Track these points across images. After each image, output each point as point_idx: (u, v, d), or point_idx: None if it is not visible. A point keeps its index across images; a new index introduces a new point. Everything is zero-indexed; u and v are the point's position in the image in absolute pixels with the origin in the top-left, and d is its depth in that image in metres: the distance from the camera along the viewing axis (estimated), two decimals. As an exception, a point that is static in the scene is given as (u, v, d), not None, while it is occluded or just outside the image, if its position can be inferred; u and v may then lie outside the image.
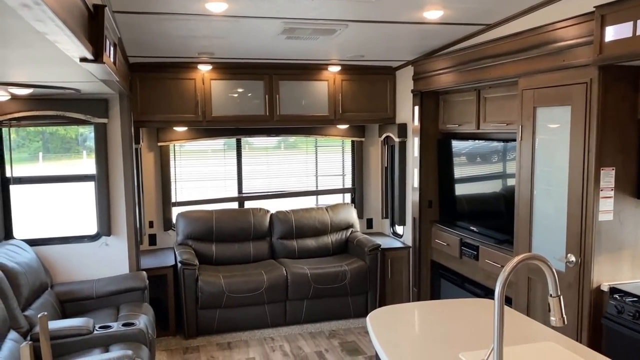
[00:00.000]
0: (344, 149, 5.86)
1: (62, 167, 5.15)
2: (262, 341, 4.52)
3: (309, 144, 5.82)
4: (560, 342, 2.13)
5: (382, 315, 2.50)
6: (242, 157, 5.53)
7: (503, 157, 3.98)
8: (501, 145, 3.96)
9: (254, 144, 5.69)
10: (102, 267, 4.07)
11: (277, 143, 5.85)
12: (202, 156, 5.54)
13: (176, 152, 5.28)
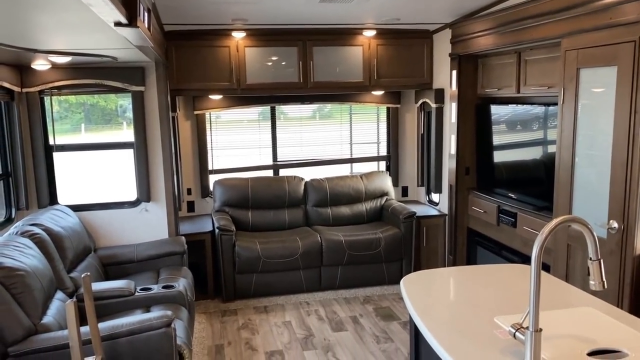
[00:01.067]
0: (379, 117, 5.79)
1: (103, 137, 5.28)
2: (297, 305, 4.60)
3: (343, 113, 5.77)
4: (600, 308, 2.08)
5: (416, 279, 2.50)
6: (276, 128, 5.54)
7: (544, 123, 3.86)
8: (542, 109, 3.83)
9: (288, 114, 5.68)
10: (142, 232, 4.19)
11: (311, 113, 5.82)
12: (238, 126, 5.58)
13: (212, 122, 5.33)
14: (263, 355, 3.74)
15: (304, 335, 4.04)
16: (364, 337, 3.99)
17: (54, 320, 2.77)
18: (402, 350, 3.76)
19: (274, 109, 5.50)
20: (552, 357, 1.70)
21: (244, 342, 3.95)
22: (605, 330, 1.88)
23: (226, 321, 4.32)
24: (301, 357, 3.70)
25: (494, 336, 1.88)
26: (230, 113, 5.41)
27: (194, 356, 3.73)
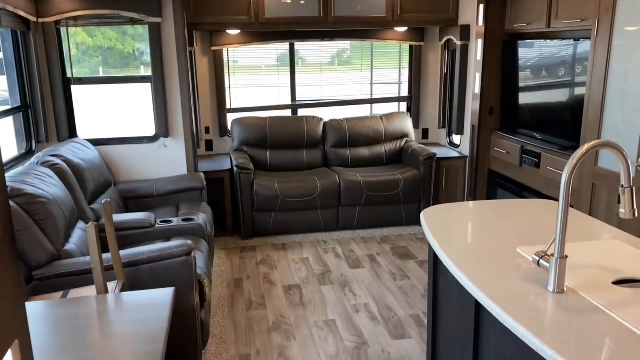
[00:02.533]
0: (401, 56, 5.62)
1: (123, 94, 5.25)
2: (315, 244, 4.63)
3: (364, 57, 5.60)
4: (626, 241, 2.03)
5: (437, 211, 2.46)
6: (295, 73, 5.42)
7: (572, 64, 3.69)
8: (571, 51, 3.66)
9: (307, 59, 5.54)
10: (162, 167, 4.20)
11: (330, 59, 5.68)
12: (256, 72, 5.48)
13: (230, 67, 5.23)
14: (281, 289, 3.80)
15: (321, 271, 4.08)
16: (381, 274, 4.02)
17: (77, 247, 2.82)
18: (419, 287, 3.79)
19: (293, 53, 5.36)
20: (576, 285, 1.67)
21: (263, 277, 4.01)
22: (631, 262, 1.84)
23: (245, 257, 4.38)
24: (318, 292, 3.75)
25: (516, 265, 1.85)
26: (248, 57, 5.30)
27: (214, 288, 3.80)
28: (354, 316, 3.41)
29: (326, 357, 2.98)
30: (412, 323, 3.32)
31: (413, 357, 2.96)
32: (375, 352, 3.02)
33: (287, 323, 3.35)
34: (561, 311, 1.53)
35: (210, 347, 3.06)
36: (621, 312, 1.50)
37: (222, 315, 3.44)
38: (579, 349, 1.34)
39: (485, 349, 1.94)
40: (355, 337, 3.18)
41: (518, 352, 1.69)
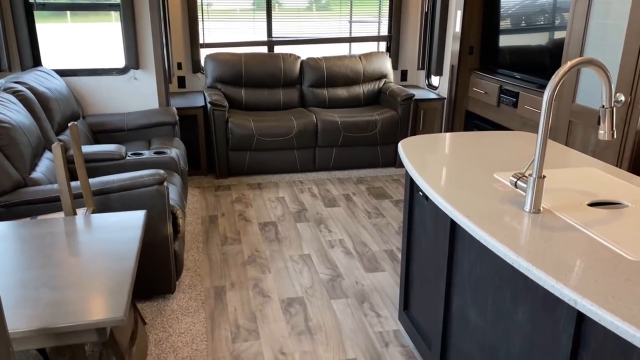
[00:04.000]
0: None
1: (89, 27, 4.98)
2: (291, 184, 4.60)
3: (343, 3, 5.40)
4: (602, 169, 2.04)
5: (415, 141, 2.44)
6: (272, 17, 5.21)
7: (553, 10, 3.62)
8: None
9: (283, 4, 5.32)
10: (132, 101, 4.06)
11: (308, 4, 5.46)
12: (230, 15, 5.24)
13: (204, 12, 4.99)
14: (256, 226, 3.78)
15: (297, 210, 4.06)
16: (356, 212, 4.03)
17: (44, 176, 2.72)
18: (393, 225, 3.81)
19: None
20: (552, 206, 1.67)
21: (238, 214, 3.98)
22: (606, 186, 1.85)
23: (220, 195, 4.33)
24: (294, 228, 3.75)
25: (493, 189, 1.84)
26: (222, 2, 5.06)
27: (188, 224, 3.76)
28: (329, 251, 3.43)
29: (301, 288, 3.00)
30: (386, 257, 3.35)
31: (386, 288, 3.00)
32: (349, 284, 3.04)
33: (262, 257, 3.34)
34: (537, 229, 1.53)
35: (184, 279, 3.05)
36: (595, 229, 1.51)
37: (196, 249, 3.42)
38: (554, 262, 1.34)
39: (458, 275, 1.95)
40: (330, 270, 3.20)
41: (491, 275, 1.70)
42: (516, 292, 1.59)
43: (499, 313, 1.70)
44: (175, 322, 2.65)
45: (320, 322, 2.69)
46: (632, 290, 1.20)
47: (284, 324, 2.67)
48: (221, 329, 2.62)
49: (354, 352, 2.47)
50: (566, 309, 1.35)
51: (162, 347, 2.46)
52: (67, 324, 1.30)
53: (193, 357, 2.40)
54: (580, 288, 1.22)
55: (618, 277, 1.26)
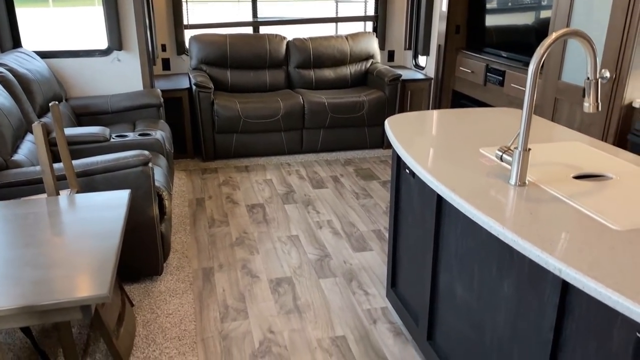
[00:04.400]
0: (368, -27, 5.41)
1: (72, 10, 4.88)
2: (278, 166, 4.58)
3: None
4: (587, 143, 2.05)
5: (401, 118, 2.43)
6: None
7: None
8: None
9: None
10: (116, 83, 3.99)
11: None
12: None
13: None
14: (244, 208, 3.77)
15: (284, 191, 4.05)
16: (344, 193, 4.03)
17: (26, 158, 2.68)
18: (381, 205, 3.82)
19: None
20: (538, 179, 1.68)
21: (225, 197, 3.96)
22: (592, 160, 1.86)
23: (207, 178, 4.31)
24: (282, 210, 3.74)
25: (479, 163, 1.84)
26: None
27: (175, 207, 3.74)
28: (317, 232, 3.43)
29: (289, 268, 3.00)
30: (374, 237, 3.36)
31: (374, 267, 3.01)
32: (338, 263, 3.05)
33: (251, 238, 3.34)
34: (522, 201, 1.54)
35: (172, 261, 3.04)
36: (580, 201, 1.52)
37: (183, 232, 3.40)
38: (539, 233, 1.35)
39: (444, 250, 1.96)
40: (318, 250, 3.20)
41: (477, 250, 1.71)
42: (502, 266, 1.60)
43: (485, 287, 1.71)
44: (163, 304, 2.64)
45: (309, 301, 2.70)
46: (616, 259, 1.21)
47: (272, 304, 2.67)
48: (210, 310, 2.62)
49: (342, 330, 2.48)
50: (551, 280, 1.36)
51: (150, 328, 2.45)
52: (51, 302, 1.29)
53: (181, 337, 2.40)
54: (565, 257, 1.22)
55: (602, 246, 1.27)
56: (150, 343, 2.36)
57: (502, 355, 1.64)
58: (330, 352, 2.33)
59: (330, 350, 2.34)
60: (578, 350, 1.31)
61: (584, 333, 1.28)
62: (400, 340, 2.41)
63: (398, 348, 2.35)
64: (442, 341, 2.07)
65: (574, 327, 1.32)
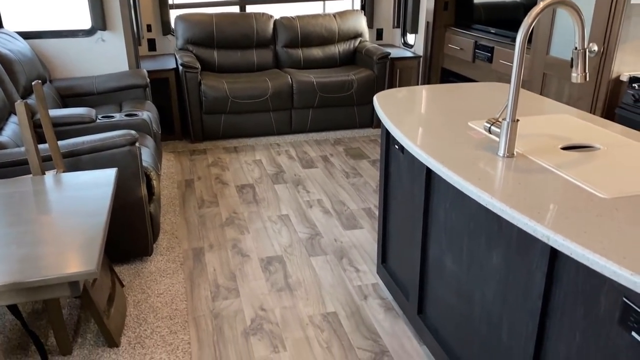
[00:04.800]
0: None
1: None
2: (268, 146, 4.56)
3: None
4: (576, 116, 2.05)
5: (390, 93, 2.41)
6: None
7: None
8: None
9: None
10: (101, 63, 3.93)
11: None
12: None
13: None
14: (234, 188, 3.75)
15: (274, 172, 4.04)
16: (334, 173, 4.02)
17: (10, 140, 2.64)
18: (371, 184, 3.82)
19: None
20: (526, 151, 1.68)
21: (214, 177, 3.94)
22: (580, 131, 1.86)
23: (195, 159, 4.28)
24: (272, 190, 3.73)
25: (467, 136, 1.84)
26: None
27: (164, 189, 3.71)
28: (307, 211, 3.43)
29: (280, 247, 3.00)
30: (364, 215, 3.37)
31: (364, 244, 3.02)
32: (328, 241, 3.06)
33: (241, 218, 3.33)
34: (510, 172, 1.54)
35: (161, 242, 3.02)
36: (568, 170, 1.52)
37: (173, 213, 3.38)
38: (527, 202, 1.35)
39: (434, 224, 1.97)
40: (308, 229, 3.20)
41: (466, 222, 1.71)
42: (490, 237, 1.61)
43: (474, 259, 1.72)
44: (154, 284, 2.64)
45: (300, 279, 2.70)
46: (603, 225, 1.22)
47: (263, 282, 2.68)
48: (200, 289, 2.62)
49: (333, 306, 2.49)
50: (539, 249, 1.37)
51: (141, 308, 2.45)
52: (39, 278, 1.27)
53: (173, 316, 2.40)
54: (553, 224, 1.23)
55: (589, 214, 1.28)
56: (141, 322, 2.35)
57: (491, 325, 1.66)
58: (321, 328, 2.34)
59: (321, 326, 2.35)
60: (566, 316, 1.32)
61: (572, 300, 1.29)
62: (391, 315, 2.43)
63: (389, 322, 2.37)
64: (432, 314, 2.09)
65: (562, 295, 1.33)
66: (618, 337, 1.16)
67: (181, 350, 2.19)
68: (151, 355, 2.16)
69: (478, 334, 1.75)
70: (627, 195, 1.36)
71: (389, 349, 2.21)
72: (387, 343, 2.25)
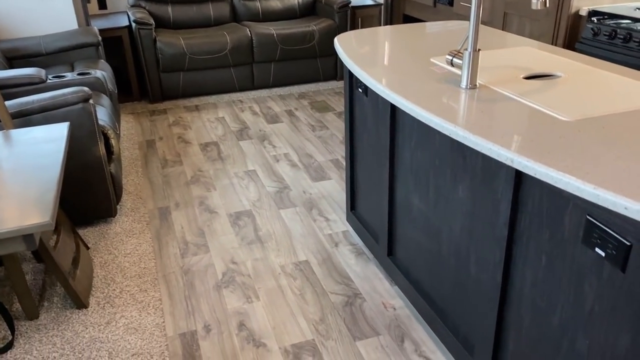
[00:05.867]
0: None
1: None
2: (230, 103, 4.45)
3: None
4: (537, 47, 2.04)
5: (351, 35, 2.35)
6: None
7: None
8: None
9: None
10: (48, 22, 3.72)
11: None
12: None
13: None
14: (197, 147, 3.66)
15: (238, 128, 3.96)
16: (300, 126, 3.97)
17: (-47, 103, 2.48)
18: (337, 135, 3.78)
19: None
20: (488, 82, 1.66)
21: (177, 137, 3.83)
22: (541, 62, 1.85)
23: (156, 120, 4.15)
24: (237, 146, 3.66)
25: (430, 71, 1.81)
26: None
27: (125, 150, 3.60)
28: (274, 165, 3.38)
29: (248, 202, 2.97)
30: (332, 166, 3.34)
31: (333, 194, 3.01)
32: (297, 194, 3.03)
33: (206, 176, 3.26)
34: (474, 102, 1.52)
35: (125, 203, 2.95)
36: (531, 98, 1.51)
37: (135, 174, 3.29)
38: (491, 128, 1.34)
39: (400, 164, 1.95)
40: (276, 182, 3.17)
41: (432, 159, 1.70)
42: (456, 171, 1.60)
43: (440, 195, 1.72)
44: (120, 244, 2.58)
45: (270, 231, 2.68)
46: (566, 146, 1.22)
47: (233, 236, 2.65)
48: (169, 247, 2.57)
49: (305, 255, 2.49)
50: (504, 176, 1.37)
51: (108, 269, 2.40)
52: (-11, 235, 1.21)
53: (142, 275, 2.36)
54: (517, 147, 1.22)
55: (552, 136, 1.27)
56: (109, 283, 2.31)
57: (459, 259, 1.68)
58: (294, 276, 2.34)
59: (294, 275, 2.35)
60: (532, 241, 1.33)
61: (537, 224, 1.30)
62: (362, 259, 2.44)
63: (360, 267, 2.39)
64: (402, 255, 2.10)
65: (527, 220, 1.34)
66: (582, 255, 1.18)
67: (152, 307, 2.16)
68: (122, 314, 2.12)
69: (447, 269, 1.77)
70: (589, 117, 1.36)
71: (361, 292, 2.23)
72: (359, 286, 2.26)
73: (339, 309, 2.14)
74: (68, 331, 2.03)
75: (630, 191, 0.99)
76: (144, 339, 1.99)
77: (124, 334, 2.02)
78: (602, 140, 1.22)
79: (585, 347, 1.22)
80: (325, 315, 2.11)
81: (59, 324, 2.07)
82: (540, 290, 1.33)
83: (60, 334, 2.02)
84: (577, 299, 1.21)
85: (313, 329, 2.04)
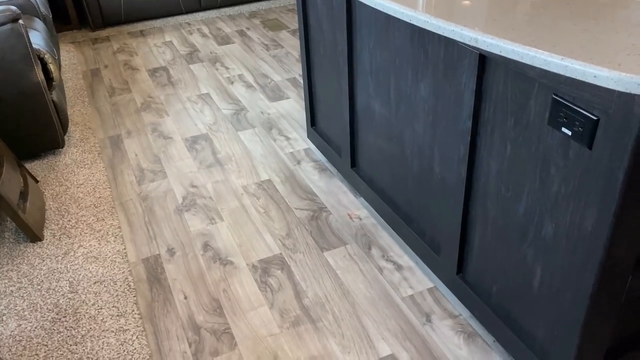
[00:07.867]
0: None
1: None
2: (177, 27, 4.20)
3: None
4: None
5: None
6: None
7: None
8: None
9: None
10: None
11: None
12: None
13: None
14: (145, 73, 3.47)
15: (188, 52, 3.75)
16: (253, 46, 3.79)
17: None
18: (293, 54, 3.64)
19: None
20: (448, -29, 1.56)
21: (123, 64, 3.61)
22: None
23: (99, 48, 3.89)
24: (187, 70, 3.48)
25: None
26: None
27: (69, 81, 3.38)
28: (228, 87, 3.24)
29: (203, 125, 2.85)
30: (289, 85, 3.23)
31: (292, 113, 2.92)
32: (255, 115, 2.93)
33: (157, 102, 3.11)
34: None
35: (73, 134, 2.79)
36: (492, -17, 1.43)
37: (82, 104, 3.10)
38: (453, 11, 1.26)
39: (360, 69, 1.87)
40: (232, 104, 3.04)
41: (392, 59, 1.62)
42: (417, 68, 1.53)
43: (402, 97, 1.66)
44: (72, 175, 2.45)
45: (230, 153, 2.60)
46: (531, 22, 1.16)
47: (191, 161, 2.55)
48: (124, 175, 2.46)
49: (267, 174, 2.43)
50: (467, 65, 1.31)
51: (61, 200, 2.29)
52: None
53: (97, 204, 2.26)
54: (481, 27, 1.16)
55: (517, 14, 1.21)
56: (63, 214, 2.20)
57: (423, 160, 1.64)
58: (257, 196, 2.29)
59: (257, 194, 2.30)
60: (497, 130, 1.30)
61: (502, 112, 1.26)
62: (326, 174, 2.40)
63: (324, 182, 2.35)
64: (365, 165, 2.07)
65: (492, 109, 1.30)
66: (548, 137, 1.15)
67: (112, 235, 2.08)
68: (79, 244, 2.04)
69: (411, 172, 1.74)
70: (552, -3, 1.30)
71: (327, 205, 2.20)
72: (324, 200, 2.23)
73: (304, 224, 2.11)
74: (24, 264, 1.94)
75: (598, 59, 0.95)
76: (105, 267, 1.93)
77: (84, 263, 1.95)
78: (568, 16, 1.17)
79: (551, 232, 1.22)
80: (292, 230, 2.08)
81: (13, 258, 1.98)
82: (506, 179, 1.31)
83: (15, 268, 1.93)
84: (543, 183, 1.20)
85: (280, 243, 2.01)
